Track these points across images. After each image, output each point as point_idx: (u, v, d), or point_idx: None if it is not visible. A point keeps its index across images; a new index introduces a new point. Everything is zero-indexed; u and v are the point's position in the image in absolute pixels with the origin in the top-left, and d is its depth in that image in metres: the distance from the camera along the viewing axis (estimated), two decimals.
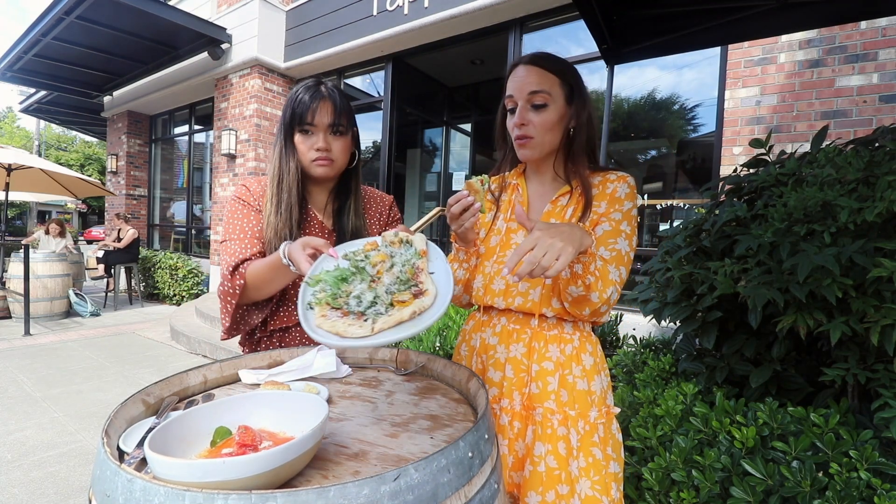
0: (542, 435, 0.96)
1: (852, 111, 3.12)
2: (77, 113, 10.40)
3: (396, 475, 0.51)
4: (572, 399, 0.98)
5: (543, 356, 1.00)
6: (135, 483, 0.48)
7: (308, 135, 1.09)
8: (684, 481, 1.34)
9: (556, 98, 1.01)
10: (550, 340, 1.01)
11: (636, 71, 4.58)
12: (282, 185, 1.10)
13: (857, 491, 1.13)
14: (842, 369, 1.40)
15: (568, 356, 1.00)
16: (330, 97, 1.09)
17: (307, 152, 1.10)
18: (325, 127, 1.09)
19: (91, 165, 25.62)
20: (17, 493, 2.11)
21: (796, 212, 1.56)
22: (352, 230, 1.17)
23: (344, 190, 1.21)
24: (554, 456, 0.94)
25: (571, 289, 0.91)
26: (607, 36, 2.31)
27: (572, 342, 1.01)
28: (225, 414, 0.64)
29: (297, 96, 1.08)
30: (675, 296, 1.85)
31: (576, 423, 0.97)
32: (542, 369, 0.99)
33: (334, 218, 1.20)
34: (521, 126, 1.03)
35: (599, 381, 1.02)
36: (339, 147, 1.12)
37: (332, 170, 1.13)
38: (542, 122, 1.01)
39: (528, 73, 1.02)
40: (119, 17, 5.57)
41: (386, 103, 5.97)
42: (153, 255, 7.68)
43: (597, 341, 1.06)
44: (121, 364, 4.13)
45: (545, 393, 0.98)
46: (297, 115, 1.08)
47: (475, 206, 0.94)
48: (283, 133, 1.11)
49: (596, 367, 1.02)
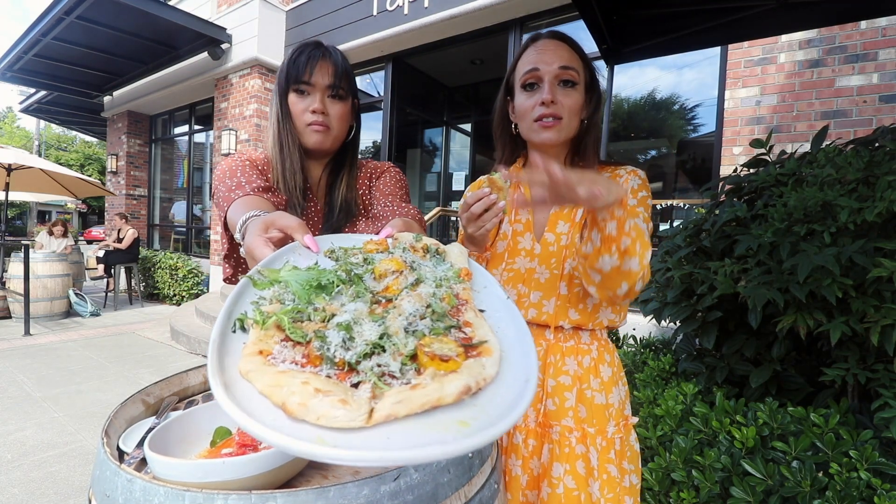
0: (559, 455, 0.91)
1: (852, 111, 3.12)
2: (77, 113, 10.39)
3: (396, 475, 0.51)
4: (590, 415, 0.92)
5: (560, 370, 0.94)
6: (135, 483, 0.48)
7: (304, 95, 0.95)
8: (684, 481, 1.34)
9: (581, 81, 0.93)
10: (567, 353, 0.94)
11: (636, 71, 4.58)
12: (283, 151, 0.96)
13: (857, 491, 1.13)
14: (842, 369, 1.40)
15: (586, 369, 0.94)
16: (331, 56, 0.97)
17: (301, 115, 0.95)
18: (324, 88, 0.95)
19: (91, 165, 25.62)
20: (17, 493, 2.11)
21: (796, 212, 1.55)
22: (342, 204, 1.01)
23: (339, 167, 1.05)
24: (573, 476, 0.89)
25: (604, 259, 0.75)
26: (607, 36, 2.31)
27: (590, 353, 0.95)
28: (225, 414, 0.64)
29: (294, 53, 0.95)
30: (675, 296, 1.85)
31: (595, 440, 0.91)
32: (558, 384, 0.94)
33: (326, 195, 1.04)
34: (550, 103, 0.90)
35: (617, 393, 0.96)
36: (337, 112, 0.97)
37: (327, 138, 0.97)
38: (571, 104, 0.91)
39: (556, 46, 0.92)
40: (119, 17, 5.57)
41: (386, 103, 5.97)
42: (153, 255, 7.68)
43: (614, 349, 1.00)
44: (121, 364, 4.13)
45: (562, 410, 0.93)
46: (292, 73, 0.94)
47: (499, 206, 0.82)
48: (277, 95, 0.97)
49: (614, 378, 0.96)
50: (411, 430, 0.34)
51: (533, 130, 0.94)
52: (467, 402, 0.37)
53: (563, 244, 0.96)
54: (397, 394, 0.36)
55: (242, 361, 0.40)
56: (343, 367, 0.39)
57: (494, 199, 0.82)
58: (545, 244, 0.97)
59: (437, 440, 0.33)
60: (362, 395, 0.36)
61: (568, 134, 0.94)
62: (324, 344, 0.40)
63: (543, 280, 0.95)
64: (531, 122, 0.94)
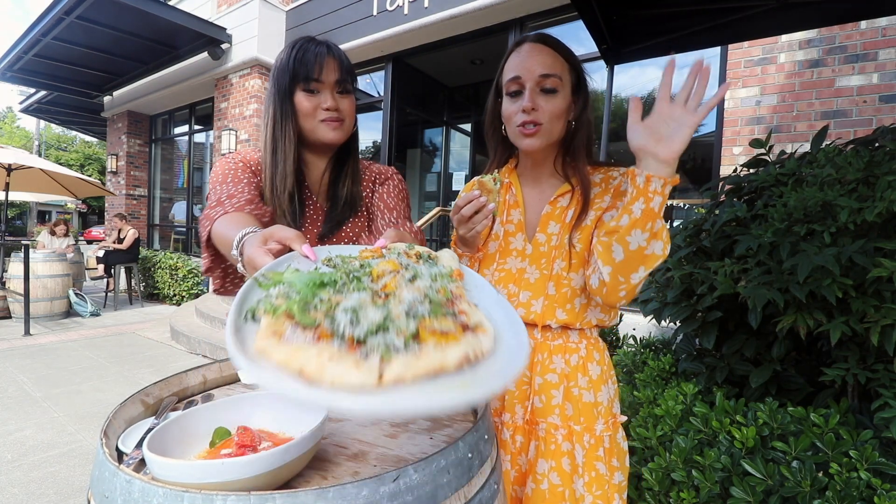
0: (545, 451, 0.92)
1: (852, 111, 3.12)
2: (77, 113, 10.40)
3: (396, 476, 0.51)
4: (577, 412, 0.93)
5: (547, 368, 0.95)
6: (133, 484, 0.48)
7: (314, 94, 0.96)
8: (684, 481, 1.34)
9: (565, 84, 0.94)
10: (555, 351, 0.95)
11: (636, 71, 4.58)
12: (276, 155, 0.96)
13: (857, 491, 1.13)
14: (842, 369, 1.40)
15: (573, 367, 0.95)
16: (335, 52, 0.99)
17: (313, 112, 0.96)
18: (332, 84, 0.97)
19: (91, 165, 25.63)
20: (17, 493, 2.11)
21: (796, 212, 1.55)
22: (346, 198, 1.03)
23: (341, 161, 1.07)
24: (558, 473, 0.90)
25: (636, 234, 0.75)
26: (607, 36, 2.31)
27: (578, 352, 0.96)
28: (224, 414, 0.64)
29: (296, 52, 0.95)
30: (675, 296, 1.85)
31: (581, 438, 0.92)
32: (545, 382, 0.94)
33: (328, 189, 1.05)
34: (530, 111, 0.92)
35: (606, 391, 0.96)
36: (348, 106, 1.00)
37: (342, 132, 0.99)
38: (552, 109, 0.92)
39: (538, 52, 0.93)
40: (119, 17, 5.57)
41: (386, 103, 5.96)
42: (153, 255, 7.68)
43: (604, 348, 1.00)
44: (121, 364, 4.13)
45: (549, 407, 0.94)
46: (299, 72, 0.94)
47: (489, 208, 0.85)
48: (278, 95, 0.96)
49: (603, 377, 0.96)
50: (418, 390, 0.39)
51: (516, 136, 0.97)
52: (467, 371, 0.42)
53: (553, 244, 0.97)
54: (404, 361, 0.40)
55: (258, 342, 0.43)
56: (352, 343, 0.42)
57: (484, 201, 0.85)
58: (536, 245, 0.98)
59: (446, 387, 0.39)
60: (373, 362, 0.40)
61: (550, 139, 0.95)
62: (333, 322, 0.44)
63: (533, 280, 0.97)
64: (514, 128, 0.96)
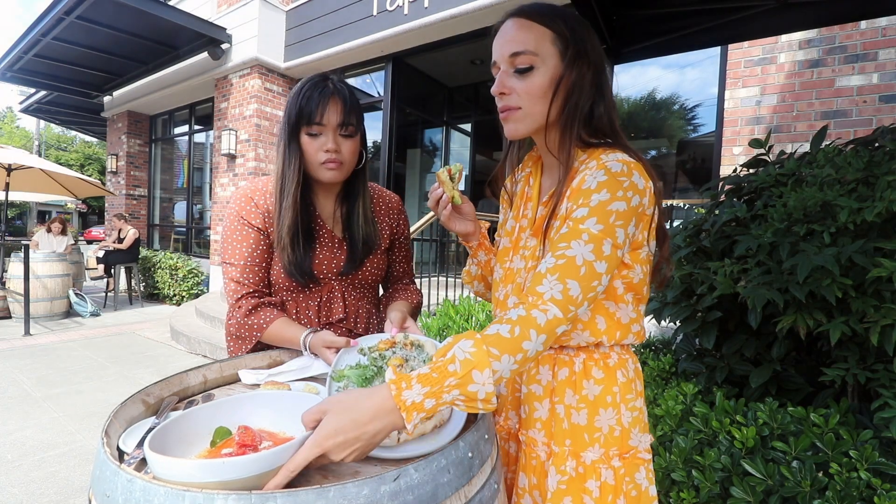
0: (525, 464, 0.84)
1: (852, 111, 3.12)
2: (77, 113, 10.39)
3: (396, 475, 0.51)
4: (562, 432, 0.80)
5: (532, 378, 0.86)
6: (134, 483, 0.48)
7: (316, 136, 1.02)
8: (684, 481, 1.34)
9: (546, 58, 0.80)
10: (542, 361, 0.85)
11: (637, 70, 4.59)
12: (283, 192, 1.04)
13: (857, 491, 1.13)
14: (842, 369, 1.40)
15: (560, 381, 0.82)
16: (339, 94, 1.02)
17: (315, 154, 1.02)
18: (335, 127, 1.02)
19: (91, 165, 25.62)
20: (17, 493, 2.11)
21: (796, 212, 1.56)
22: (363, 238, 1.12)
23: (351, 193, 1.14)
24: (540, 492, 0.82)
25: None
26: (607, 36, 2.31)
27: (571, 365, 0.82)
28: (225, 414, 0.64)
29: (302, 93, 1.00)
30: (674, 296, 1.85)
31: (561, 461, 0.79)
32: (530, 392, 0.86)
33: (343, 225, 1.14)
34: (500, 95, 0.83)
35: (612, 416, 0.80)
36: (349, 148, 1.05)
37: (340, 173, 1.06)
38: (528, 89, 0.80)
39: (511, 29, 0.83)
40: (119, 17, 5.57)
41: (386, 103, 5.96)
42: (153, 255, 7.67)
43: (617, 367, 0.82)
44: (121, 364, 4.13)
45: (531, 419, 0.85)
46: (304, 115, 1.00)
47: (444, 198, 0.93)
48: (286, 134, 1.03)
49: (604, 398, 0.80)
50: (416, 444, 0.67)
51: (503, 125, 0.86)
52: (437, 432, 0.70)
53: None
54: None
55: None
56: None
57: (440, 192, 0.93)
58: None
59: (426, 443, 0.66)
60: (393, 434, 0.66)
61: (535, 122, 0.82)
62: None
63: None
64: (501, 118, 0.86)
